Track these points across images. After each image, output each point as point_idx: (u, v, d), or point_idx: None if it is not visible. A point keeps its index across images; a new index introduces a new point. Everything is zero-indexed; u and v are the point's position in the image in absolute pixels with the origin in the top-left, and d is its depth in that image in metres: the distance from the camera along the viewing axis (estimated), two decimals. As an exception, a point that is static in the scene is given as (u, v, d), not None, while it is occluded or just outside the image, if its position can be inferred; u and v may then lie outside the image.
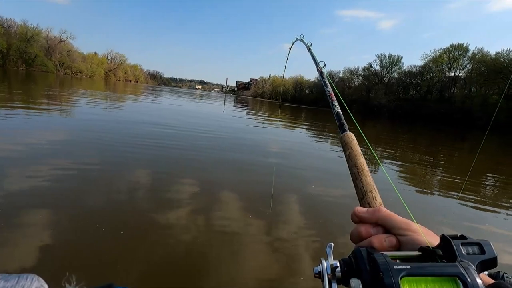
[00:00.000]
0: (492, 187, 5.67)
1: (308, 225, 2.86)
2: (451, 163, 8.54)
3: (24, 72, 45.80)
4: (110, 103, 14.41)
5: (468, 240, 0.32)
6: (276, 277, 2.01)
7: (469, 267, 0.28)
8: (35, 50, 59.89)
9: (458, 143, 16.30)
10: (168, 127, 8.09)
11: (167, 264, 2.00)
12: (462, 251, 0.31)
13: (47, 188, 2.95)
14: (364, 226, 0.40)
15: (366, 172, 0.49)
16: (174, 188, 3.39)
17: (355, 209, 0.43)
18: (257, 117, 17.15)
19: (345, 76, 65.44)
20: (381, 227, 0.40)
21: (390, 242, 0.37)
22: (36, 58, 60.17)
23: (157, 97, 26.92)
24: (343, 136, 0.58)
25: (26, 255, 1.87)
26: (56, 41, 68.97)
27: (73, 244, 2.08)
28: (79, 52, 79.51)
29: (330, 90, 0.74)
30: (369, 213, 0.41)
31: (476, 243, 0.32)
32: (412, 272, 0.27)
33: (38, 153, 4.10)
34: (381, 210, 0.41)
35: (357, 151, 0.53)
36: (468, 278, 0.26)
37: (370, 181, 0.47)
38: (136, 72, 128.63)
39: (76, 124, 7.04)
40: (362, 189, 0.47)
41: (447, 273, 0.27)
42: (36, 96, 12.46)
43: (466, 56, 41.80)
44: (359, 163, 0.50)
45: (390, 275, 0.26)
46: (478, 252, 0.31)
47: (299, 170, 5.11)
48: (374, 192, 0.46)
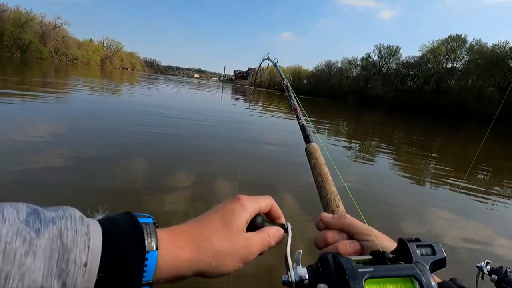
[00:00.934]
0: (484, 177, 5.84)
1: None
2: (446, 155, 8.80)
3: (19, 59, 45.15)
4: (110, 91, 14.46)
5: (422, 242, 0.35)
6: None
7: (423, 267, 0.30)
8: (29, 36, 58.90)
9: (453, 135, 16.57)
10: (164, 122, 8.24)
11: None
12: (417, 253, 0.33)
13: (41, 180, 2.88)
14: (330, 232, 0.42)
15: (329, 181, 0.52)
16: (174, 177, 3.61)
17: (321, 215, 0.45)
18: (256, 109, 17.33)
19: (344, 66, 65.24)
20: (345, 233, 0.42)
21: (354, 247, 0.39)
22: (31, 45, 59.23)
23: (153, 86, 26.84)
24: (307, 146, 0.61)
25: None
26: (51, 27, 67.75)
27: None
28: (74, 39, 78.32)
29: (295, 103, 0.78)
30: (335, 219, 0.43)
31: (429, 245, 0.35)
32: (375, 274, 0.29)
33: (32, 142, 4.01)
34: (346, 217, 0.43)
35: (321, 161, 0.56)
36: (423, 278, 0.28)
37: (333, 189, 0.50)
38: (133, 59, 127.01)
39: (71, 111, 7.04)
40: (326, 197, 0.49)
41: (405, 274, 0.29)
42: (32, 83, 12.48)
43: (464, 48, 41.84)
44: (323, 173, 0.53)
45: (356, 278, 0.28)
46: (430, 253, 0.34)
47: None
48: (338, 200, 0.49)
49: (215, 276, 0.33)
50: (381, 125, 16.67)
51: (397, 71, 51.87)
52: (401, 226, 3.02)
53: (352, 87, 55.98)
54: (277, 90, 75.85)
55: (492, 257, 2.64)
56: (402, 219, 3.24)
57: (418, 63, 47.70)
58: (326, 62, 71.27)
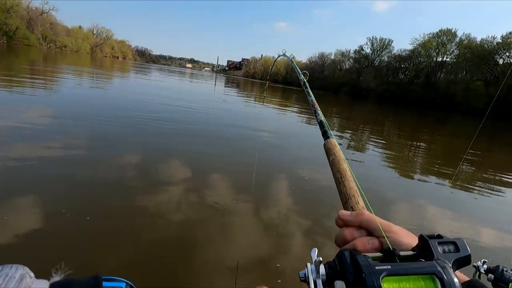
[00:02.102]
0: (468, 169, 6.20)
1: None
2: (432, 147, 9.22)
3: (6, 45, 43.91)
4: (103, 79, 14.47)
5: (444, 239, 0.34)
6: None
7: (445, 265, 0.29)
8: (16, 22, 56.98)
9: (440, 127, 17.16)
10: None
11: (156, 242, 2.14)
12: (439, 250, 0.32)
13: (31, 171, 2.90)
14: (348, 229, 0.42)
15: (349, 177, 0.51)
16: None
17: (339, 213, 0.44)
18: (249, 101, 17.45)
19: (337, 58, 65.45)
20: (364, 230, 0.41)
21: (373, 244, 0.38)
22: (18, 31, 57.37)
23: (146, 75, 26.63)
24: (326, 142, 0.60)
25: (9, 246, 1.87)
26: (38, 13, 65.56)
27: (61, 232, 2.09)
28: (62, 25, 76.05)
29: (313, 99, 0.76)
30: (353, 216, 0.42)
31: (452, 242, 0.34)
32: (392, 272, 0.28)
33: (18, 133, 4.01)
34: (364, 213, 0.42)
35: (340, 157, 0.55)
36: (444, 276, 0.27)
37: (352, 185, 0.49)
38: (124, 48, 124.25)
39: (61, 101, 7.07)
40: (345, 193, 0.48)
41: (425, 272, 0.28)
42: (20, 71, 12.41)
43: (454, 42, 42.51)
44: (342, 168, 0.52)
45: (372, 275, 0.28)
46: (453, 250, 0.33)
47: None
48: (357, 196, 0.48)
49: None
50: (371, 118, 17.13)
51: (389, 64, 52.40)
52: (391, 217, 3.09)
53: (344, 79, 56.38)
54: (271, 81, 75.77)
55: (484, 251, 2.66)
56: (395, 211, 3.38)
57: (409, 56, 48.28)
58: (320, 54, 71.31)
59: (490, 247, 2.80)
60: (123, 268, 1.84)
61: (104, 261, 1.87)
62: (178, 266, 1.92)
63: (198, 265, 1.96)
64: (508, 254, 2.69)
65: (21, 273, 0.23)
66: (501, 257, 2.63)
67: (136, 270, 1.83)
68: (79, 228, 2.14)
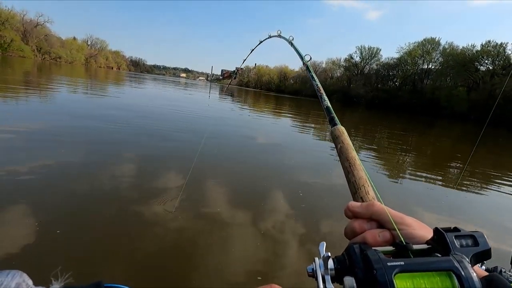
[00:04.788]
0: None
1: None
2: (422, 150, 10.01)
3: (0, 57, 44.37)
4: (101, 90, 15.17)
5: (461, 232, 0.32)
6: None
7: (463, 260, 0.27)
8: (11, 34, 57.59)
9: (428, 131, 18.03)
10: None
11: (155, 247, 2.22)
12: (456, 244, 0.30)
13: (29, 180, 2.96)
14: (358, 221, 0.39)
15: (358, 165, 0.48)
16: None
17: (348, 204, 0.42)
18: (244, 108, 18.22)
19: (328, 66, 67.21)
20: (375, 222, 0.39)
21: (384, 237, 0.36)
22: (12, 43, 57.91)
23: (140, 85, 27.35)
24: (334, 130, 0.57)
25: (8, 252, 1.86)
26: (33, 25, 66.33)
27: (61, 238, 2.11)
28: (57, 37, 76.80)
29: (318, 84, 0.72)
30: (363, 208, 0.40)
31: (470, 235, 0.31)
32: (406, 268, 0.26)
33: (13, 144, 4.07)
34: (374, 204, 0.40)
35: (348, 145, 0.52)
36: (462, 272, 0.26)
37: (362, 174, 0.47)
38: (118, 58, 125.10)
39: (58, 112, 7.01)
40: (354, 183, 0.46)
41: (441, 268, 0.27)
42: (16, 82, 12.89)
43: (438, 50, 44.40)
44: (351, 157, 0.50)
45: (384, 272, 0.26)
46: (471, 244, 0.31)
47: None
48: (367, 186, 0.45)
49: None
50: (363, 122, 18.10)
51: (377, 72, 54.14)
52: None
53: (335, 86, 57.95)
54: (264, 90, 77.05)
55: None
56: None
57: (396, 64, 50.08)
58: (312, 63, 72.92)
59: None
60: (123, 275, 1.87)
61: (104, 268, 1.91)
62: (183, 271, 2.01)
63: (203, 270, 2.05)
64: (506, 255, 2.95)
65: (17, 282, 0.22)
66: (499, 258, 2.74)
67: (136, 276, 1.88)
68: (80, 235, 2.20)
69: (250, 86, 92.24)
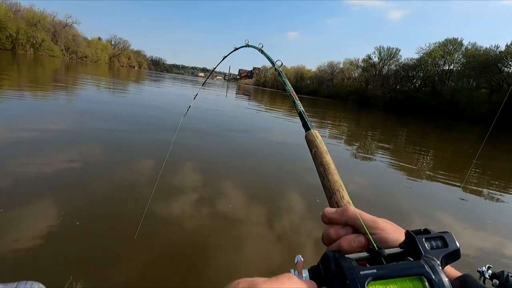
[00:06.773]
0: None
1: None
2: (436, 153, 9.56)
3: (32, 56, 47.29)
4: (129, 88, 16.16)
5: (431, 234, 0.32)
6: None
7: (433, 262, 0.28)
8: (42, 35, 61.20)
9: (446, 134, 17.65)
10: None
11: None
12: (426, 246, 0.31)
13: (47, 181, 2.91)
14: (334, 227, 0.40)
15: (332, 170, 0.48)
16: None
17: (324, 211, 0.42)
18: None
19: (345, 67, 66.63)
20: (350, 227, 0.39)
21: (359, 242, 0.36)
22: (43, 43, 61.54)
23: (160, 83, 28.33)
24: (307, 134, 0.57)
25: (24, 261, 1.82)
26: (62, 26, 70.09)
27: (73, 245, 2.06)
28: (83, 37, 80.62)
29: (290, 88, 0.71)
30: (338, 213, 0.40)
31: (439, 237, 0.32)
32: (378, 275, 0.27)
33: (37, 141, 4.13)
34: (349, 209, 0.40)
35: (322, 149, 0.52)
36: (433, 276, 0.26)
37: (337, 179, 0.47)
38: (139, 58, 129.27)
39: (83, 109, 7.36)
40: (329, 188, 0.46)
41: (412, 273, 0.27)
42: (53, 80, 14.07)
43: (460, 51, 43.15)
44: (325, 161, 0.50)
45: (357, 282, 0.26)
46: (441, 246, 0.31)
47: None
48: (341, 190, 0.45)
49: None
50: (375, 125, 18.09)
51: (396, 73, 53.21)
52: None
53: (352, 87, 57.49)
54: (281, 90, 77.47)
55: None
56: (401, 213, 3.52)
57: (416, 65, 49.05)
58: (329, 63, 72.69)
59: (493, 252, 2.75)
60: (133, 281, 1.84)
61: (117, 273, 1.86)
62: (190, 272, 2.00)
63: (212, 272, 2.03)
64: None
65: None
66: (505, 263, 2.56)
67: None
68: (92, 238, 2.16)
69: (267, 86, 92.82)
